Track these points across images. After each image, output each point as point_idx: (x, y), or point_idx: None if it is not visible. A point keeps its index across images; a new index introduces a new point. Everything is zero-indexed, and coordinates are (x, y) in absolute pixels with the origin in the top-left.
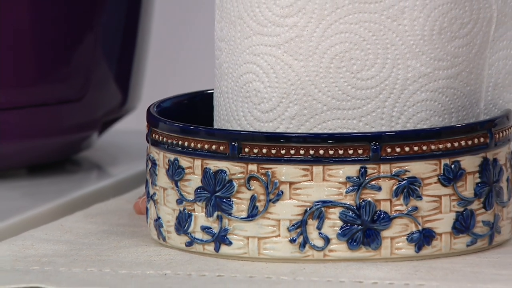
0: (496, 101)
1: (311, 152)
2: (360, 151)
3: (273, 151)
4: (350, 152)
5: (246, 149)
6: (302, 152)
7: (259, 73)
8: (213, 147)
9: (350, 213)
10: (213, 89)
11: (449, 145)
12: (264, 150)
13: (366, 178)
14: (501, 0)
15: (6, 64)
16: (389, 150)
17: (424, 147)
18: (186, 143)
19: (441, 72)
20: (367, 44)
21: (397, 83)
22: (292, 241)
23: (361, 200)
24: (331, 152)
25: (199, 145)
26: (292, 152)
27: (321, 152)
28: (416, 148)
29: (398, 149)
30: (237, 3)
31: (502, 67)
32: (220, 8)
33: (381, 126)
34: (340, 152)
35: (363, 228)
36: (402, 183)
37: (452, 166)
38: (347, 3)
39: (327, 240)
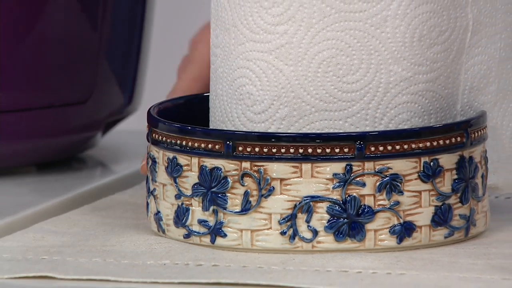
0: (472, 103)
1: (300, 150)
2: (346, 150)
3: (265, 150)
4: (337, 150)
5: (240, 148)
6: (292, 150)
7: (252, 77)
8: (209, 146)
9: (337, 207)
10: (209, 92)
11: (428, 144)
12: (257, 149)
13: (352, 174)
14: (476, 10)
15: (17, 70)
16: (373, 148)
17: (405, 146)
18: (184, 142)
19: (421, 76)
20: (352, 50)
21: (380, 86)
22: (283, 233)
23: (346, 195)
24: (319, 150)
25: (196, 144)
26: (283, 150)
27: (310, 150)
28: (398, 147)
29: (381, 148)
30: (231, 12)
31: (477, 72)
32: (215, 17)
33: (365, 126)
34: (327, 150)
35: (349, 221)
36: (385, 179)
37: (431, 163)
38: (334, 12)
39: (315, 233)
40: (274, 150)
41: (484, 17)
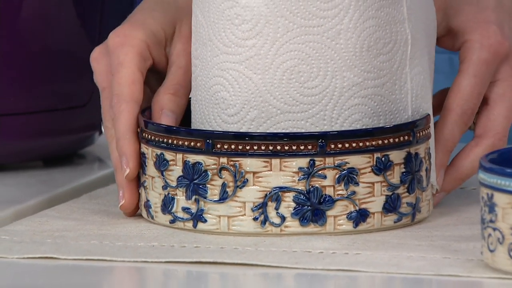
0: (419, 109)
1: (270, 147)
2: (309, 147)
3: (240, 147)
4: (302, 147)
5: (218, 145)
6: (263, 147)
7: (225, 85)
8: (192, 143)
9: (302, 196)
10: (190, 97)
11: (380, 142)
12: (233, 146)
13: (315, 168)
14: (412, 25)
15: (25, 78)
16: (332, 146)
17: (361, 144)
18: (170, 141)
19: (369, 82)
20: (312, 60)
21: (336, 90)
22: (255, 219)
23: (310, 186)
24: (286, 147)
25: (180, 142)
26: (255, 147)
27: (278, 147)
28: (354, 144)
29: (340, 145)
30: (208, 28)
31: (418, 81)
32: (195, 32)
33: (324, 125)
34: (294, 147)
35: (312, 209)
36: (343, 172)
37: (383, 158)
38: (296, 27)
39: (283, 218)
40: (247, 147)
41: (415, 32)
